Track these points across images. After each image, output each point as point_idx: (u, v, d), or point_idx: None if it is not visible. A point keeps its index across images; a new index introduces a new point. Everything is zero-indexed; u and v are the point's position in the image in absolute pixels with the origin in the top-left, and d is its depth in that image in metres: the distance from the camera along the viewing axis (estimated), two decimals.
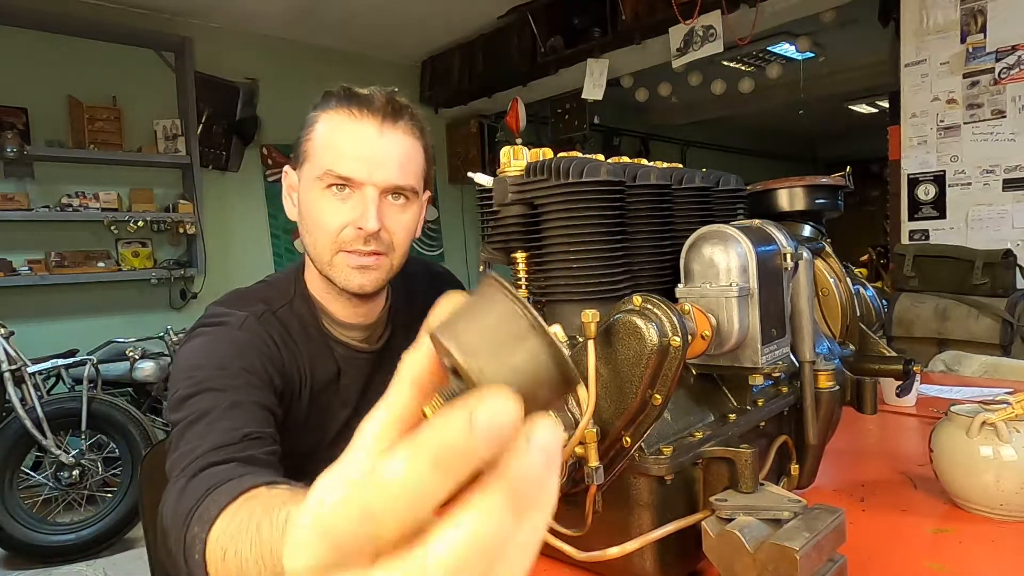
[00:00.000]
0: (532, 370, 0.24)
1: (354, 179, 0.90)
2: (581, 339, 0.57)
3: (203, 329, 0.90)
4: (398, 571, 0.22)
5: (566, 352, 0.24)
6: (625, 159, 0.76)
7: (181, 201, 4.18)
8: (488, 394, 0.21)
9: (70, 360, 3.04)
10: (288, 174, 1.00)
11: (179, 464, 0.73)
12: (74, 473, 2.86)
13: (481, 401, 0.20)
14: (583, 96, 4.25)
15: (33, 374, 2.82)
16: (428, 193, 1.01)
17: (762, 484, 0.63)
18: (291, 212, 1.00)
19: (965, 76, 2.83)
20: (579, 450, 0.56)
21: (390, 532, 0.21)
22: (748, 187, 0.93)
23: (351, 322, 1.00)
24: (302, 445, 0.95)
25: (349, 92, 0.93)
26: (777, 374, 0.72)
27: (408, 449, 0.21)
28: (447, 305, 0.27)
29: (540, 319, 0.24)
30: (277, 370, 0.90)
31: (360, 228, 0.90)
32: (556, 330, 0.25)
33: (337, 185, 0.91)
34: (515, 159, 0.71)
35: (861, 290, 0.99)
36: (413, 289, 1.10)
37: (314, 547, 0.23)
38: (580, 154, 0.70)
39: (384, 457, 0.21)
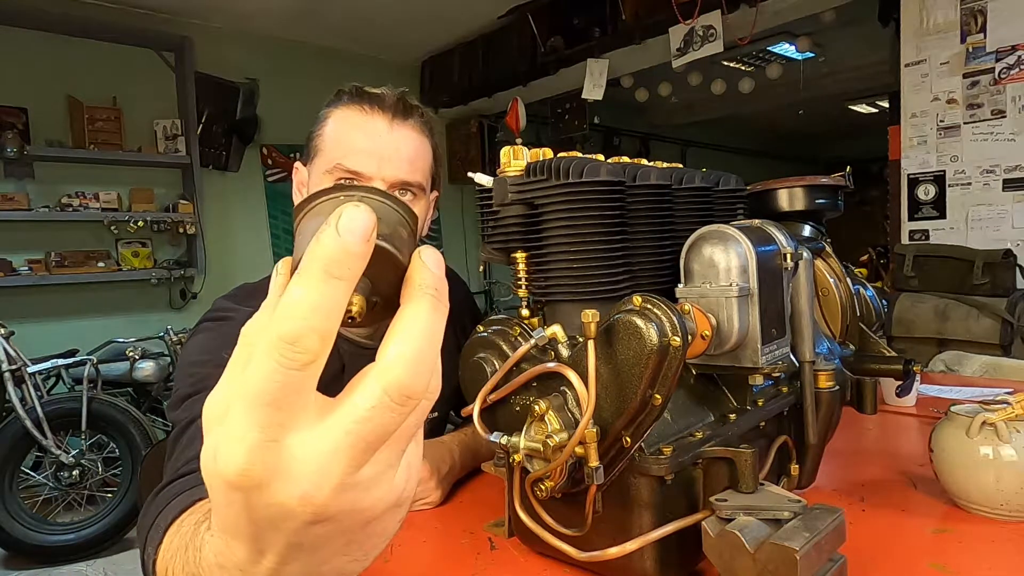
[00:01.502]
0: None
1: (363, 173, 0.92)
2: (581, 339, 0.57)
3: (207, 324, 0.91)
4: (361, 391, 0.25)
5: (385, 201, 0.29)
6: (625, 159, 0.76)
7: (181, 201, 4.19)
8: (340, 208, 0.24)
9: (70, 360, 3.04)
10: (299, 170, 1.01)
11: (166, 473, 0.74)
12: (74, 473, 2.86)
13: (338, 215, 0.24)
14: (583, 96, 4.25)
15: (33, 374, 2.82)
16: (436, 193, 1.01)
17: (762, 484, 0.63)
18: None
19: (965, 76, 2.83)
20: (579, 450, 0.56)
21: (317, 349, 0.24)
22: (748, 187, 0.93)
23: None
24: None
25: (360, 90, 0.95)
26: (777, 374, 0.72)
27: (298, 276, 0.24)
28: None
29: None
30: None
31: None
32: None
33: (346, 179, 0.92)
34: (515, 159, 0.71)
35: (861, 290, 0.98)
36: None
37: (243, 424, 0.24)
38: (580, 154, 0.70)
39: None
